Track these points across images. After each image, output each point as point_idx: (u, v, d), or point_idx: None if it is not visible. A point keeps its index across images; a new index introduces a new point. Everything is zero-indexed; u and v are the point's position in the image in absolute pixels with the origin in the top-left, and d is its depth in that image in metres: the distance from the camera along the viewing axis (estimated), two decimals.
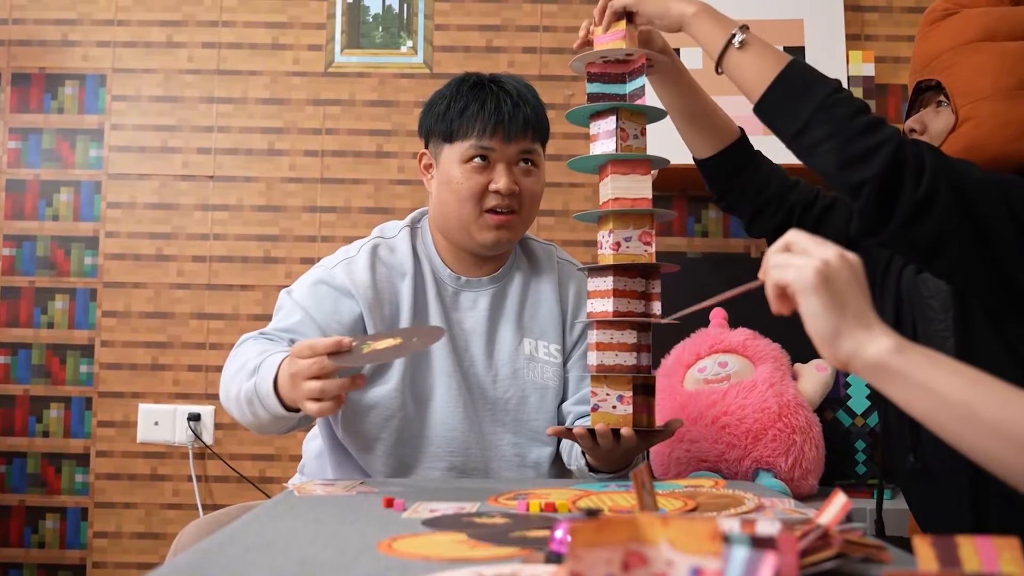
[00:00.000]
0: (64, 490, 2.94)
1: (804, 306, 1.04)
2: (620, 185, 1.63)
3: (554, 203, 2.93)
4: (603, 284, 1.63)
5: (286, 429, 1.69)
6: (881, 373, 1.02)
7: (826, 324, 1.03)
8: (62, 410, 2.96)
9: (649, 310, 1.65)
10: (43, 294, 2.99)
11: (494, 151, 1.85)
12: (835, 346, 1.03)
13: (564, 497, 1.38)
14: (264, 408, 1.61)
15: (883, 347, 1.02)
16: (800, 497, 2.27)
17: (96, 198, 3.01)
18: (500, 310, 1.95)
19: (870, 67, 2.91)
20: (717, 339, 2.39)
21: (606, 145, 1.62)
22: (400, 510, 1.31)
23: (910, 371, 1.01)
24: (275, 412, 1.59)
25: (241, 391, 1.65)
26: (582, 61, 1.64)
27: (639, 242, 1.63)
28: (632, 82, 1.63)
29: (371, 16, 3.05)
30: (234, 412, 1.71)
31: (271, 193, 3.01)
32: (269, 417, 1.62)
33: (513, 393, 1.92)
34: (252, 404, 1.63)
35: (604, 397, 1.63)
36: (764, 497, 1.43)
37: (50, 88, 3.04)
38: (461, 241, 1.91)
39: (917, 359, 1.01)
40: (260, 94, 3.04)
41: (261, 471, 2.94)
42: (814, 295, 1.03)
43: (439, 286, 1.93)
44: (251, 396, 1.62)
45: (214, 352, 2.96)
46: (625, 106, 1.61)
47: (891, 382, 1.02)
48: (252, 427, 1.69)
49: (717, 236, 2.99)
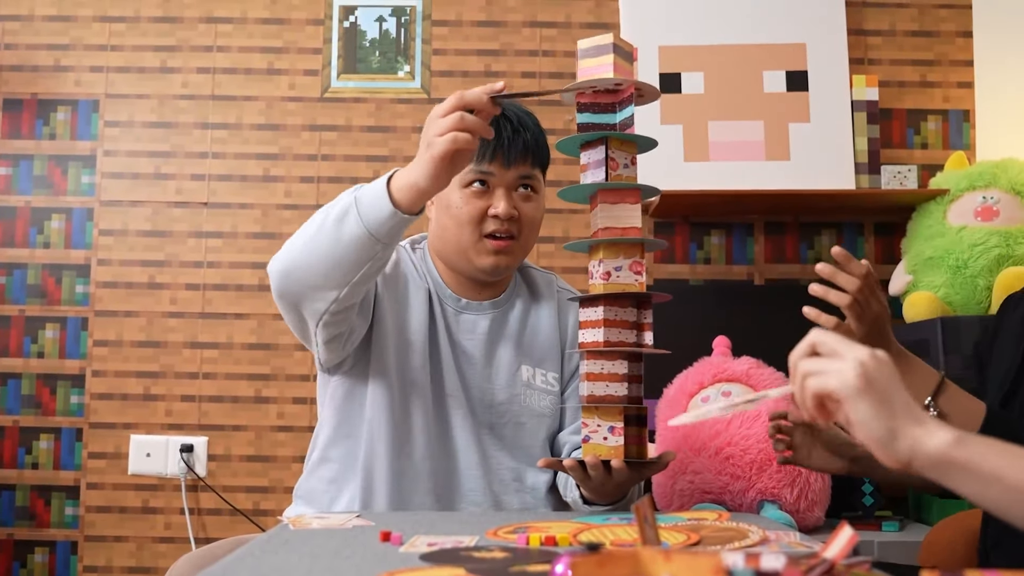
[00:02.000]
0: (53, 523, 2.93)
1: (854, 413, 1.02)
2: (609, 214, 1.63)
3: (554, 230, 2.93)
4: (594, 314, 1.63)
5: (367, 259, 1.64)
6: (945, 467, 1.00)
7: (880, 427, 1.01)
8: (52, 441, 2.95)
9: (641, 340, 1.65)
10: (33, 323, 2.99)
11: (493, 175, 1.86)
12: (893, 447, 1.01)
13: (565, 530, 1.37)
14: (361, 219, 1.59)
15: (943, 440, 1.00)
16: (806, 529, 2.26)
17: (88, 225, 3.02)
18: (499, 335, 1.96)
19: (874, 91, 2.93)
20: (720, 368, 2.38)
21: (596, 175, 1.63)
22: (397, 544, 1.31)
23: (976, 461, 0.99)
24: (378, 218, 1.59)
25: (329, 216, 1.64)
26: (572, 91, 1.65)
27: (629, 271, 1.64)
28: (622, 112, 1.63)
29: (368, 41, 3.07)
30: (302, 249, 1.68)
31: (266, 220, 3.01)
32: (360, 233, 1.60)
33: (509, 419, 1.93)
34: (342, 221, 1.61)
35: (595, 428, 1.62)
36: (769, 530, 1.43)
37: (42, 114, 3.06)
38: (460, 266, 1.92)
39: (980, 448, 1.00)
40: (255, 120, 3.05)
41: (255, 504, 2.93)
42: (862, 400, 1.01)
43: (443, 304, 1.94)
44: (346, 210, 1.62)
45: (207, 382, 2.96)
46: (614, 135, 1.62)
47: (957, 475, 1.00)
48: (322, 260, 1.65)
49: (720, 263, 3.00)
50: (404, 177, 1.59)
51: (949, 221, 2.74)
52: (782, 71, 2.95)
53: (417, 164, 1.57)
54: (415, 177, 1.57)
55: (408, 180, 1.58)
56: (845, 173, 2.88)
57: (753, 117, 2.92)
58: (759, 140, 2.89)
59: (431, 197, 1.64)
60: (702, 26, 2.97)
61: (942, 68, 3.06)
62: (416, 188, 1.58)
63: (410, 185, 1.58)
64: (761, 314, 2.79)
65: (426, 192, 1.58)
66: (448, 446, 1.88)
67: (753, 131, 2.90)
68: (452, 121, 1.53)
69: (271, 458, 2.94)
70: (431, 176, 1.56)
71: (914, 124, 3.04)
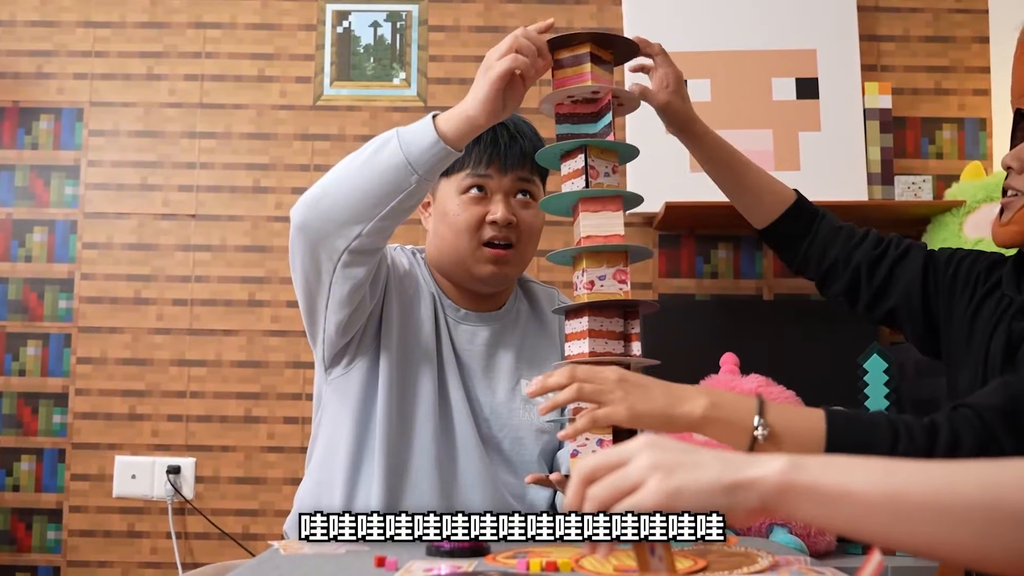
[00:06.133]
0: (35, 548, 2.93)
1: (684, 503, 0.96)
2: (591, 222, 1.64)
3: (555, 242, 2.94)
4: (579, 325, 1.63)
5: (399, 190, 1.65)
6: (790, 496, 0.94)
7: (715, 495, 0.96)
8: (33, 462, 2.95)
9: (629, 351, 1.65)
10: (14, 339, 2.99)
11: (491, 179, 1.88)
12: (738, 501, 0.95)
13: (566, 555, 1.37)
14: (401, 147, 1.62)
15: (778, 468, 0.95)
16: (817, 554, 2.26)
17: (71, 238, 3.02)
18: (499, 347, 1.98)
19: (887, 99, 2.93)
20: (728, 386, 2.39)
21: (576, 184, 1.64)
22: (392, 569, 1.31)
23: (819, 481, 0.94)
24: (420, 145, 1.61)
25: (367, 148, 1.67)
26: (550, 102, 1.66)
27: (614, 280, 1.64)
28: (601, 120, 1.64)
29: (362, 47, 3.08)
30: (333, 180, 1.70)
31: (256, 233, 3.01)
32: (398, 161, 1.62)
33: (507, 433, 1.94)
34: (380, 150, 1.64)
35: (583, 442, 1.62)
36: (779, 554, 1.43)
37: (24, 122, 3.06)
38: (459, 277, 1.94)
39: (818, 467, 0.95)
40: (245, 128, 3.06)
41: (244, 527, 2.93)
42: (680, 487, 0.96)
43: (445, 312, 1.97)
44: (387, 141, 1.65)
45: (195, 401, 2.96)
46: (593, 142, 1.63)
47: (802, 501, 0.94)
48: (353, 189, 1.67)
49: (727, 277, 3.00)
50: (454, 110, 1.63)
51: (966, 234, 2.74)
52: (792, 78, 2.96)
53: (471, 92, 1.61)
54: (467, 105, 1.61)
55: (458, 110, 1.62)
56: (857, 184, 2.89)
57: (762, 126, 2.92)
58: (768, 150, 2.90)
59: (481, 130, 1.65)
60: (709, 31, 2.98)
61: (957, 75, 3.07)
62: (465, 115, 1.61)
63: (459, 114, 1.61)
64: (770, 330, 2.79)
65: (474, 120, 1.61)
66: (449, 459, 1.89)
67: (762, 140, 2.91)
68: (511, 41, 1.58)
69: (261, 480, 2.94)
70: (485, 100, 1.59)
71: (929, 133, 3.05)
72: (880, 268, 1.83)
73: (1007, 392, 1.40)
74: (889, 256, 1.84)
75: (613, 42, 1.69)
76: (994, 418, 1.37)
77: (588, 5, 3.08)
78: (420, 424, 1.88)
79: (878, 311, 1.88)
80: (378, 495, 1.85)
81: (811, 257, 1.91)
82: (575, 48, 1.65)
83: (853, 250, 1.85)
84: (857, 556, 2.34)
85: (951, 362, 1.79)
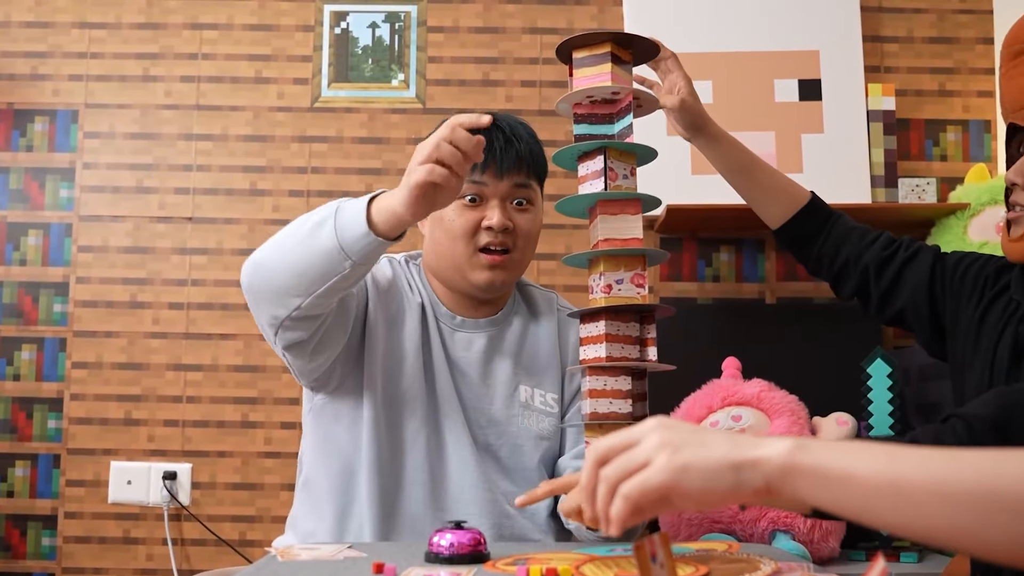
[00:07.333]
0: (29, 555, 2.93)
1: (689, 483, 0.98)
2: (609, 226, 1.64)
3: (555, 246, 2.94)
4: (595, 329, 1.64)
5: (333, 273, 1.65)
6: (793, 477, 0.97)
7: (720, 474, 0.98)
8: (28, 468, 2.95)
9: (645, 356, 1.66)
10: (9, 344, 2.99)
11: (486, 186, 1.88)
12: (743, 481, 0.98)
13: (567, 562, 1.38)
14: (335, 232, 1.61)
15: (783, 449, 0.97)
16: (820, 561, 2.26)
17: (66, 241, 3.02)
18: (496, 352, 1.98)
19: (890, 101, 2.93)
20: (730, 391, 2.39)
21: (594, 186, 1.64)
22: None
23: (823, 463, 0.96)
24: (352, 235, 1.60)
25: (307, 222, 1.67)
26: (568, 102, 1.66)
27: (631, 284, 1.64)
28: (620, 121, 1.64)
29: (360, 48, 3.08)
30: (274, 248, 1.72)
31: (253, 236, 3.01)
32: (332, 246, 1.62)
33: (505, 440, 1.95)
34: (318, 229, 1.64)
35: None
36: (782, 561, 1.43)
37: (18, 124, 3.06)
38: (455, 283, 1.94)
39: (823, 450, 0.97)
40: (242, 131, 3.06)
41: (241, 534, 2.92)
42: (687, 464, 0.98)
43: (439, 321, 1.96)
44: (324, 220, 1.64)
45: (191, 406, 2.96)
46: (613, 144, 1.63)
47: (806, 483, 0.97)
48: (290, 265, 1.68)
49: (730, 280, 3.00)
50: (385, 199, 1.61)
51: (970, 237, 2.74)
52: (794, 79, 2.96)
53: (398, 189, 1.59)
54: (394, 202, 1.59)
55: (388, 203, 1.60)
56: (861, 186, 2.89)
57: (764, 128, 2.93)
58: (770, 152, 2.90)
59: (408, 226, 1.64)
60: (710, 32, 2.98)
61: (962, 76, 3.07)
62: (393, 213, 1.59)
63: (389, 209, 1.60)
64: (773, 334, 2.79)
65: (403, 219, 1.59)
66: (442, 468, 1.89)
67: (764, 142, 2.91)
68: (430, 149, 1.54)
69: (258, 486, 2.94)
70: (409, 203, 1.56)
71: (933, 135, 3.05)
72: (888, 269, 1.84)
73: (1000, 403, 1.41)
74: (898, 258, 1.85)
75: (632, 42, 1.69)
76: (983, 429, 1.39)
77: (589, 6, 3.08)
78: (410, 440, 1.89)
79: (887, 312, 1.90)
80: (371, 514, 1.85)
81: (824, 257, 1.94)
82: (595, 47, 1.65)
83: (864, 250, 1.87)
84: (860, 563, 2.34)
85: (958, 365, 1.79)
